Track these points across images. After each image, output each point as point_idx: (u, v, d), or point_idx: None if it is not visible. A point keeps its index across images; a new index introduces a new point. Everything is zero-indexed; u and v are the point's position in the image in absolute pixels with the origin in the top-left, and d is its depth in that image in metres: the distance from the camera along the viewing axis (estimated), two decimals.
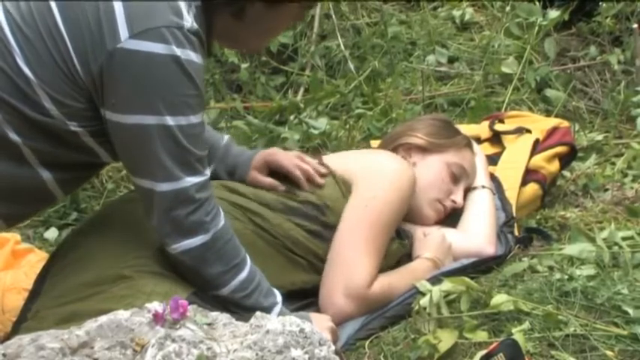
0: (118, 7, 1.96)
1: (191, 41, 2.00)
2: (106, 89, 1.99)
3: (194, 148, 2.06)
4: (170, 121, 2.00)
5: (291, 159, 2.52)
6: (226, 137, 2.57)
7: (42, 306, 2.18)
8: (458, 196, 2.69)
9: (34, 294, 2.24)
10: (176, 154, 2.03)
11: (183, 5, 2.01)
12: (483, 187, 2.75)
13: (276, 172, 2.51)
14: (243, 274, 2.18)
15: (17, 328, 2.18)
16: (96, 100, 2.03)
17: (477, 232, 2.65)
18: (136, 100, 1.99)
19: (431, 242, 2.57)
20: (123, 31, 1.95)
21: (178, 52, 1.97)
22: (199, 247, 2.11)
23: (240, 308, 2.15)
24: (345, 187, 2.48)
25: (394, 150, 2.67)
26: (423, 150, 2.68)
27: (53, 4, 2.01)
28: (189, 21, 2.00)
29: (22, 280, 2.61)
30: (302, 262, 2.42)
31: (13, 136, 2.03)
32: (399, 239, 2.54)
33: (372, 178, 2.48)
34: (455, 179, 2.68)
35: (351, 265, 2.38)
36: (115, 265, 2.16)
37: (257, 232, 2.36)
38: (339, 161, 2.57)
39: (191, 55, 1.99)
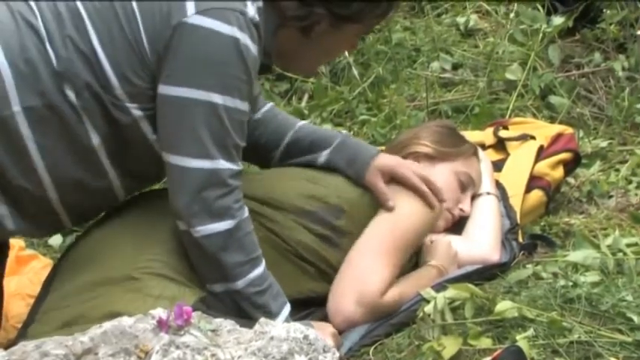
0: None
1: (251, 30, 2.06)
2: (166, 61, 2.04)
3: (235, 133, 2.09)
4: (218, 99, 2.04)
5: (417, 171, 2.46)
6: (344, 132, 2.56)
7: (50, 306, 2.18)
8: (465, 205, 2.69)
9: (44, 294, 2.24)
10: (216, 132, 2.06)
11: None
12: (488, 193, 2.75)
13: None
14: (260, 269, 2.19)
15: (25, 331, 2.18)
16: (157, 78, 2.06)
17: (481, 240, 2.65)
18: (189, 74, 2.04)
19: (437, 250, 2.56)
20: (189, 8, 2.01)
21: (239, 35, 2.03)
22: (223, 233, 2.12)
23: (251, 305, 2.16)
24: (361, 187, 2.46)
25: (403, 159, 2.66)
26: (432, 158, 2.66)
27: None
28: (252, 11, 2.06)
29: (26, 286, 2.62)
30: (310, 270, 2.41)
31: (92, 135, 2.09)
32: None
33: (406, 195, 2.46)
34: (463, 188, 2.68)
35: (367, 273, 2.36)
36: (125, 266, 2.16)
37: (268, 237, 2.34)
38: None
39: (249, 43, 2.05)
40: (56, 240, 3.15)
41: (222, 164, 2.08)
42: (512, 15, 4.19)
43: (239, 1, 2.05)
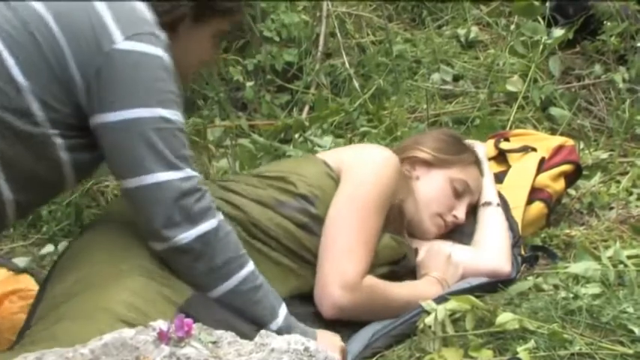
0: (106, 15, 2.10)
1: (166, 49, 2.15)
2: (103, 90, 2.08)
3: (184, 142, 2.14)
4: (165, 113, 2.10)
5: None
6: None
7: (42, 313, 2.16)
8: (460, 212, 2.69)
9: (37, 302, 2.24)
10: (172, 144, 2.10)
11: (154, 19, 2.17)
12: (498, 204, 2.76)
13: None
14: (251, 266, 2.19)
15: (22, 336, 2.17)
16: (85, 107, 2.09)
17: (493, 251, 2.65)
18: (133, 96, 2.09)
19: (436, 262, 2.56)
20: (116, 35, 2.08)
21: (162, 54, 2.12)
22: (210, 233, 2.12)
23: (249, 302, 2.16)
24: (335, 176, 2.48)
25: (400, 162, 2.66)
26: (428, 164, 2.68)
27: (45, 14, 2.08)
28: (162, 33, 2.17)
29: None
30: (293, 267, 2.41)
31: None
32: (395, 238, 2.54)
33: (358, 166, 2.49)
34: (457, 195, 2.69)
35: (343, 254, 2.37)
36: (112, 262, 2.15)
37: (250, 235, 2.36)
38: (332, 155, 2.58)
39: (169, 61, 2.14)
40: (49, 249, 3.14)
41: (189, 172, 2.12)
42: (512, 27, 4.20)
43: (153, 24, 2.15)
